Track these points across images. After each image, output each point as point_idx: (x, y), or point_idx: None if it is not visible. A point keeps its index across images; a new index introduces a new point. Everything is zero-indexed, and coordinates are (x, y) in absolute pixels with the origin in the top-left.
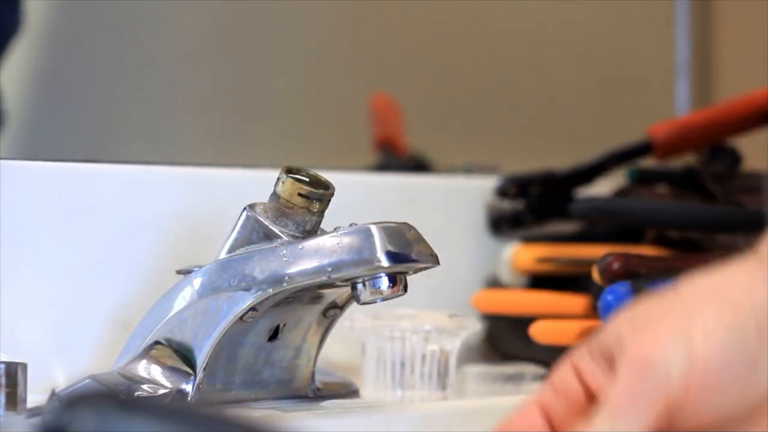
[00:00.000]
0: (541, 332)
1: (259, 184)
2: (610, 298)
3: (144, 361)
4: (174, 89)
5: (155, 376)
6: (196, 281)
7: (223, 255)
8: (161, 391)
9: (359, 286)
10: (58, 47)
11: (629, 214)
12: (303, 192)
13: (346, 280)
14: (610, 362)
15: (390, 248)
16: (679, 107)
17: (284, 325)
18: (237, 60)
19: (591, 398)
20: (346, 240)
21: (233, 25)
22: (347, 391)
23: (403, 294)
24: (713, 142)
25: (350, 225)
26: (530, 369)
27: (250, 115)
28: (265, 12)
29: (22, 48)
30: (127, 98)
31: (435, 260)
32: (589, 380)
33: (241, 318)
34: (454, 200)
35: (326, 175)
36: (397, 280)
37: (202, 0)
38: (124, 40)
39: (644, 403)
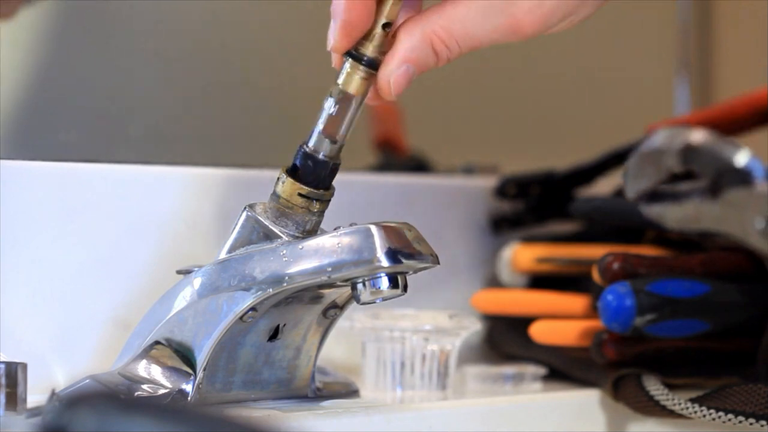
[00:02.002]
0: (541, 332)
1: (259, 184)
2: (610, 298)
3: (144, 361)
4: (174, 89)
5: (155, 376)
6: (196, 281)
7: (223, 255)
8: (161, 391)
9: (359, 286)
10: (58, 47)
11: (629, 214)
12: (303, 192)
13: (346, 280)
14: None
15: (390, 248)
16: (679, 107)
17: (284, 325)
18: (237, 60)
19: None
20: (346, 240)
21: (234, 24)
22: (347, 391)
23: (403, 294)
24: None
25: (350, 225)
26: (530, 369)
27: (250, 115)
28: (266, 11)
29: (23, 47)
30: (126, 98)
31: (435, 260)
32: None
33: (241, 318)
34: (454, 200)
35: None
36: (397, 280)
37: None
38: (124, 39)
39: None
